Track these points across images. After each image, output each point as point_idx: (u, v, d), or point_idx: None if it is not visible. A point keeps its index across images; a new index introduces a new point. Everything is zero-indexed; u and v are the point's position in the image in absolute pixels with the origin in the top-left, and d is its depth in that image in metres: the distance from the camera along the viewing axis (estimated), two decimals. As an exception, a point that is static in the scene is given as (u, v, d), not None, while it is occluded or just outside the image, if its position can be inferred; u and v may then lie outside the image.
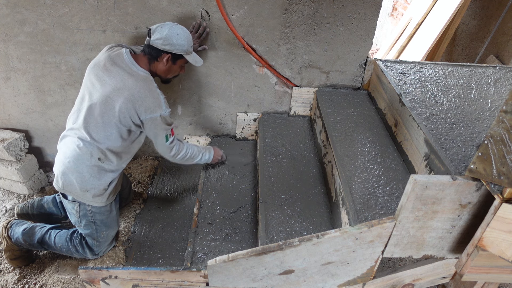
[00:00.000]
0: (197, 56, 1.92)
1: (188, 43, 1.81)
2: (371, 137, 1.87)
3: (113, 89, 1.75)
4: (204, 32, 2.07)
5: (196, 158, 2.08)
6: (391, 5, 5.06)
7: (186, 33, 1.80)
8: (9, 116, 2.50)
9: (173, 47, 1.77)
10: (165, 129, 1.85)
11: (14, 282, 1.96)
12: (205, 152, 2.13)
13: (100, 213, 1.93)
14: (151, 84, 1.81)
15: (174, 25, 1.79)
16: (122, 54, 1.81)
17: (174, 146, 1.94)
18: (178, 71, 1.94)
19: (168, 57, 1.80)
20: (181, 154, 1.99)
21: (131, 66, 1.79)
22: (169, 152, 1.95)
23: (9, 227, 2.00)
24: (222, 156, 2.26)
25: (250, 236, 1.84)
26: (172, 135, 1.91)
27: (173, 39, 1.76)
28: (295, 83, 2.29)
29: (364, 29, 2.06)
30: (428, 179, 1.06)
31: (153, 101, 1.78)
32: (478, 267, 1.16)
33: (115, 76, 1.76)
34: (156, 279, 1.31)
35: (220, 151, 2.27)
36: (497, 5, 3.28)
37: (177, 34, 1.76)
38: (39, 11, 2.06)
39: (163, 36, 1.74)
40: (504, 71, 2.14)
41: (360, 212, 1.44)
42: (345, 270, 1.28)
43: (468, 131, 1.57)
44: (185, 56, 1.85)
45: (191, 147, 2.05)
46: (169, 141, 1.89)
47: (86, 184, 1.83)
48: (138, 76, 1.78)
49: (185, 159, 2.03)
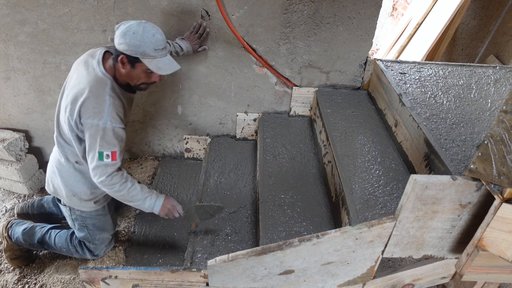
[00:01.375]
0: (166, 62, 1.62)
1: (147, 45, 1.53)
2: (371, 137, 1.87)
3: (71, 88, 1.63)
4: (204, 32, 2.07)
5: (135, 200, 1.72)
6: (391, 5, 5.06)
7: (148, 33, 1.54)
8: (9, 116, 2.50)
9: (127, 47, 1.53)
10: (101, 144, 1.57)
11: (14, 282, 1.96)
12: (150, 197, 1.74)
13: (91, 217, 1.90)
14: (103, 88, 1.60)
15: (137, 23, 1.55)
16: (96, 54, 1.66)
17: (108, 171, 1.61)
18: (144, 78, 1.66)
19: (122, 58, 1.57)
20: (114, 186, 1.64)
21: (95, 66, 1.62)
22: (98, 176, 1.62)
23: (9, 226, 2.00)
24: (174, 211, 1.82)
25: (250, 236, 1.84)
26: (113, 159, 1.60)
27: (127, 37, 1.52)
28: (295, 83, 2.29)
29: (364, 29, 2.06)
30: (428, 179, 1.06)
31: (95, 106, 1.56)
32: (478, 267, 1.16)
33: (78, 75, 1.64)
34: (156, 279, 1.31)
35: (174, 204, 1.82)
36: (497, 5, 3.28)
37: (133, 32, 1.52)
38: (39, 11, 2.06)
39: (119, 33, 1.55)
40: (504, 71, 2.14)
41: (360, 212, 1.44)
42: (345, 270, 1.28)
43: (468, 131, 1.57)
44: (141, 59, 1.56)
45: (134, 187, 1.69)
46: (103, 162, 1.59)
47: (72, 189, 1.80)
48: (94, 77, 1.61)
49: (117, 193, 1.67)
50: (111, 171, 1.62)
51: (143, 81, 1.68)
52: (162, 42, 1.59)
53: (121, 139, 1.63)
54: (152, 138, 2.63)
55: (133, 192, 1.69)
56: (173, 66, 1.64)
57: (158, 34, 1.57)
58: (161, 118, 2.51)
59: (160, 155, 2.73)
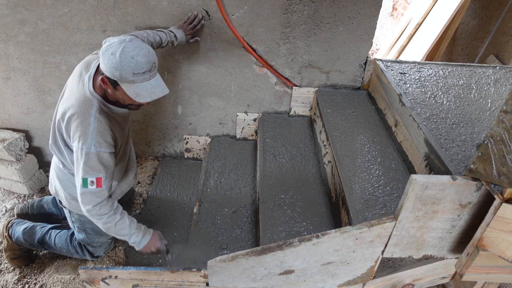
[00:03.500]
0: (147, 88, 1.45)
1: (123, 69, 1.38)
2: (371, 137, 1.87)
3: (64, 99, 1.57)
4: (198, 24, 2.03)
5: (121, 235, 1.64)
6: (391, 5, 5.06)
7: (127, 55, 1.38)
8: (9, 116, 2.51)
9: (106, 68, 1.41)
10: (84, 170, 1.47)
11: (14, 282, 1.96)
12: (137, 233, 1.65)
13: (90, 221, 1.81)
14: (88, 109, 1.49)
15: (119, 42, 1.41)
16: (91, 66, 1.57)
17: (94, 200, 1.52)
18: (128, 100, 1.52)
19: (102, 78, 1.46)
20: (101, 217, 1.56)
21: (86, 82, 1.53)
22: (84, 204, 1.53)
23: (9, 226, 2.00)
24: (158, 249, 1.71)
25: (250, 236, 1.84)
26: (97, 186, 1.50)
27: (105, 58, 1.40)
28: (295, 83, 2.29)
29: (364, 29, 2.06)
30: (428, 179, 1.06)
31: (80, 128, 1.47)
32: (478, 267, 1.16)
33: (70, 87, 1.57)
34: (156, 279, 1.31)
35: (158, 243, 1.71)
36: (497, 5, 3.28)
37: (111, 53, 1.39)
38: (39, 11, 2.07)
39: (101, 50, 1.44)
40: (504, 71, 2.14)
41: (360, 212, 1.44)
42: (345, 270, 1.28)
43: (468, 131, 1.57)
44: (119, 83, 1.44)
45: (123, 221, 1.61)
46: (88, 189, 1.49)
47: (70, 193, 1.78)
48: (82, 95, 1.51)
49: (104, 225, 1.59)
50: (99, 201, 1.52)
51: (129, 103, 1.57)
52: (144, 65, 1.41)
53: (107, 164, 1.52)
54: (152, 138, 2.63)
55: (120, 225, 1.59)
56: (155, 92, 1.47)
57: (139, 56, 1.39)
58: (161, 118, 2.51)
59: (160, 155, 2.73)
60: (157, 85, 1.49)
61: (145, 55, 1.42)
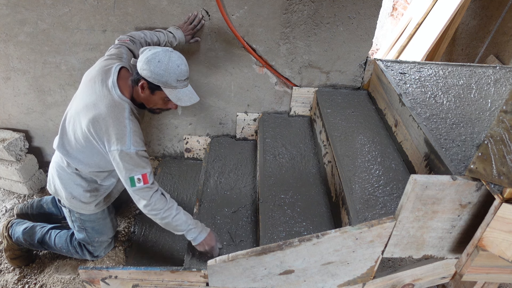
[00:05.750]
0: (186, 93, 1.62)
1: (170, 76, 1.53)
2: (371, 137, 1.87)
3: (85, 105, 1.61)
4: (199, 24, 2.04)
5: (179, 230, 1.66)
6: (391, 5, 5.06)
7: (174, 63, 1.54)
8: (9, 116, 2.51)
9: (150, 74, 1.53)
10: (129, 169, 1.55)
11: (14, 282, 1.96)
12: (194, 229, 1.66)
13: (90, 220, 1.89)
14: (121, 113, 1.58)
15: (164, 51, 1.55)
16: (111, 71, 1.64)
17: (146, 196, 1.58)
18: (161, 104, 1.67)
19: (143, 83, 1.57)
20: (158, 213, 1.60)
21: (111, 87, 1.61)
22: (137, 201, 1.61)
23: (9, 226, 2.00)
24: (212, 248, 1.70)
25: (250, 236, 1.84)
26: (145, 182, 1.57)
27: (151, 65, 1.52)
28: (295, 83, 2.29)
29: (364, 29, 2.06)
30: (428, 179, 1.06)
31: (116, 131, 1.55)
32: (478, 267, 1.16)
33: (92, 94, 1.62)
34: (156, 279, 1.31)
35: (213, 242, 1.70)
36: (497, 5, 3.28)
37: (158, 61, 1.51)
38: (39, 11, 2.07)
39: (144, 58, 1.54)
40: (504, 71, 2.14)
41: (360, 212, 1.44)
42: (345, 270, 1.28)
43: (468, 131, 1.57)
44: (163, 88, 1.57)
45: (179, 217, 1.64)
46: (136, 187, 1.57)
47: (71, 191, 1.80)
48: (111, 100, 1.59)
49: (162, 220, 1.63)
50: (150, 195, 1.58)
51: (159, 107, 1.69)
52: (186, 73, 1.59)
53: (147, 160, 1.61)
54: (152, 138, 2.63)
55: (177, 221, 1.63)
56: (193, 97, 1.64)
57: (183, 65, 1.57)
58: (161, 118, 2.51)
59: (160, 155, 2.73)
60: (192, 92, 1.66)
61: (186, 64, 1.61)
